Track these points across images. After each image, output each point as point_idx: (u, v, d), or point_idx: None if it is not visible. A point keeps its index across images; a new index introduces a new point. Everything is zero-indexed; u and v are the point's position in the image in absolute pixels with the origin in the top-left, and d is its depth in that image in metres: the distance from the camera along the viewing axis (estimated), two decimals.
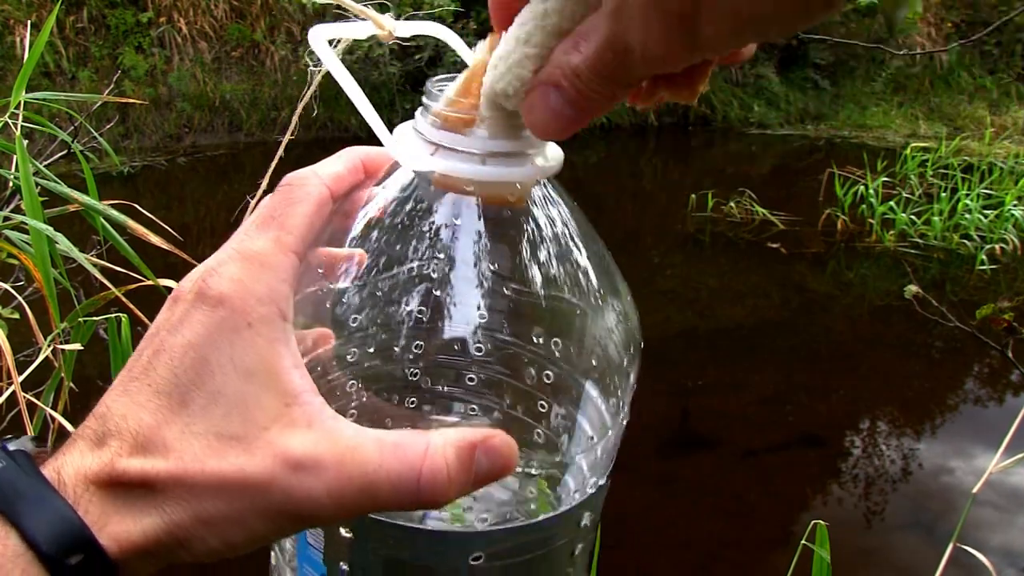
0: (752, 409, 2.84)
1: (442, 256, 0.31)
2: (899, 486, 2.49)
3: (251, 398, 0.26)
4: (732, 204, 4.63)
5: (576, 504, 0.32)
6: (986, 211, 4.46)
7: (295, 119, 0.39)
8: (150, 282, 1.02)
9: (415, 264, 0.31)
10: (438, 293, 0.31)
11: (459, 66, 0.32)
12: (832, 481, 2.51)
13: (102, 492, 0.26)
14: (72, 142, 1.26)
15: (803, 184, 5.44)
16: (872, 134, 6.95)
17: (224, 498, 0.25)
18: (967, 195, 4.53)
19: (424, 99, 0.31)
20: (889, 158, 5.03)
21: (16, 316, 1.15)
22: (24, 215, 0.93)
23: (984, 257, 4.07)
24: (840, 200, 4.55)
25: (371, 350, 0.32)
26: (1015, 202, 4.39)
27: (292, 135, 0.41)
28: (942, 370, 3.34)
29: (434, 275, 0.31)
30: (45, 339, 0.99)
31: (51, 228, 0.91)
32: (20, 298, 1.10)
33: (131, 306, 1.03)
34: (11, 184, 1.05)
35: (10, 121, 1.00)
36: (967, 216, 4.39)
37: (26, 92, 1.01)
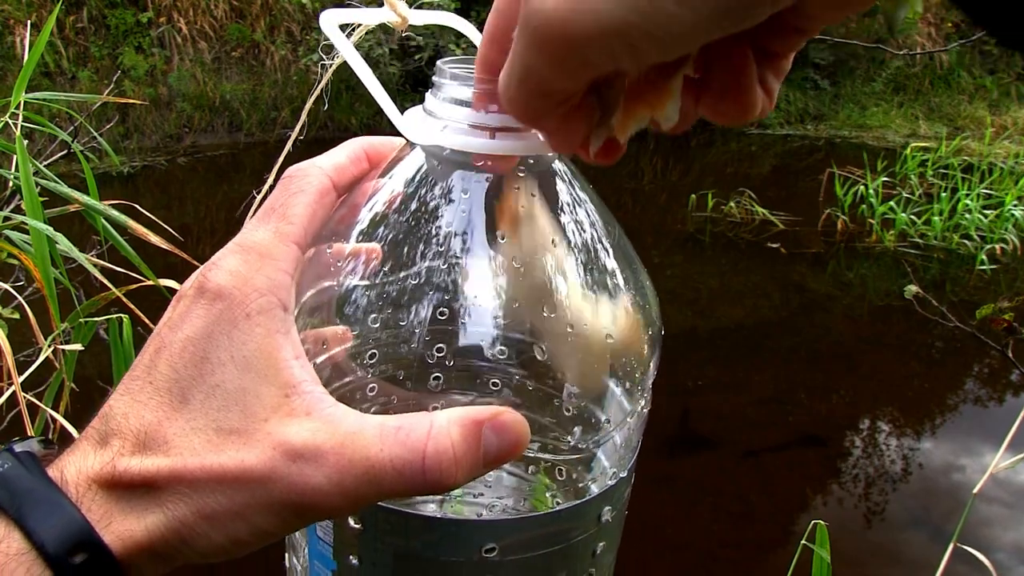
0: (752, 409, 2.84)
1: (455, 242, 0.30)
2: (899, 486, 2.49)
3: (250, 390, 0.26)
4: (732, 204, 4.63)
5: (594, 496, 0.31)
6: (986, 211, 4.45)
7: (304, 115, 0.39)
8: (150, 282, 1.02)
9: (427, 254, 0.30)
10: (452, 278, 0.30)
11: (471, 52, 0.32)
12: (832, 481, 2.51)
13: (105, 492, 0.25)
14: (72, 142, 1.26)
15: (803, 184, 5.44)
16: (872, 134, 6.94)
17: (225, 492, 0.25)
18: (967, 195, 4.53)
19: (435, 78, 0.31)
20: (889, 158, 5.03)
21: (16, 316, 1.15)
22: (24, 215, 0.93)
23: (984, 257, 4.07)
24: (840, 200, 4.55)
25: (389, 344, 0.31)
26: (1015, 202, 4.38)
27: (301, 135, 0.41)
28: (942, 370, 3.33)
29: (448, 262, 0.30)
30: (45, 339, 0.99)
31: (51, 228, 0.91)
32: (20, 298, 1.09)
33: (132, 306, 1.03)
34: (11, 184, 1.05)
35: (10, 121, 1.00)
36: (967, 216, 4.39)
37: (26, 92, 1.01)
